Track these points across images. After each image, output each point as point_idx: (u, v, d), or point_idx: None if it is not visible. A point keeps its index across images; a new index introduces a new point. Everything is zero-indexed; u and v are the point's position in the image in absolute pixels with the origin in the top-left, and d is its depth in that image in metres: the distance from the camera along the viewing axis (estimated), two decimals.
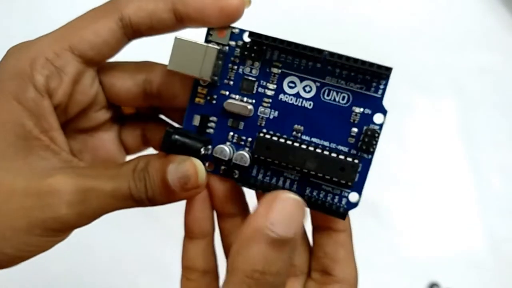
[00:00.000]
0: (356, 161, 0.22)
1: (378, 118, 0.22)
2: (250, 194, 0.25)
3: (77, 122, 0.25)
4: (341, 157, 0.22)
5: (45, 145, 0.22)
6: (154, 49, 0.26)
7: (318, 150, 0.22)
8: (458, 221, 0.44)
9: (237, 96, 0.24)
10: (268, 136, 0.23)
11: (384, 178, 0.42)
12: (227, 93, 0.24)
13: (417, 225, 0.44)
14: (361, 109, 0.22)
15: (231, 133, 0.24)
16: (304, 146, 0.22)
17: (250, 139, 0.24)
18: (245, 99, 0.23)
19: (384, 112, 0.22)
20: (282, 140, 0.22)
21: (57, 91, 0.22)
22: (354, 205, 0.23)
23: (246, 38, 0.23)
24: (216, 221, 0.26)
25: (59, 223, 0.21)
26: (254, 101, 0.23)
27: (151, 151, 0.27)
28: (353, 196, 0.23)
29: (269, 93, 0.23)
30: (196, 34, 0.23)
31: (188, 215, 0.25)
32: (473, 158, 0.45)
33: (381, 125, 0.22)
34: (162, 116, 0.27)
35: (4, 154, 0.22)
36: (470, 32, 0.47)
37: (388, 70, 0.21)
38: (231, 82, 0.24)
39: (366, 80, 0.22)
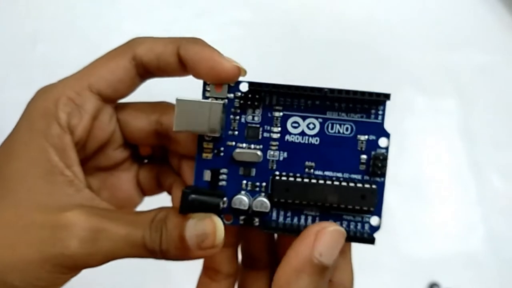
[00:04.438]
0: (374, 186, 0.22)
1: (383, 142, 0.23)
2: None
3: (97, 160, 0.26)
4: (360, 185, 0.22)
5: (69, 181, 0.23)
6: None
7: (336, 183, 0.23)
8: (458, 221, 0.45)
9: (244, 145, 0.24)
10: (284, 178, 0.23)
11: None
12: (234, 143, 0.24)
13: (417, 225, 0.44)
14: (366, 136, 0.23)
15: (244, 181, 0.24)
16: (321, 181, 0.23)
17: (264, 183, 0.24)
18: (252, 146, 0.24)
19: (387, 135, 0.23)
20: (299, 179, 0.23)
21: (77, 127, 0.23)
22: (377, 228, 0.24)
23: (242, 88, 0.24)
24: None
25: (69, 260, 0.21)
26: (261, 146, 0.24)
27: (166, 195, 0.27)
28: (374, 220, 0.24)
29: (275, 136, 0.24)
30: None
31: None
32: (473, 158, 0.45)
33: (387, 148, 0.23)
34: None
35: (32, 188, 0.22)
36: (470, 32, 0.47)
37: (387, 96, 0.22)
38: (236, 132, 0.24)
39: (365, 108, 0.23)
